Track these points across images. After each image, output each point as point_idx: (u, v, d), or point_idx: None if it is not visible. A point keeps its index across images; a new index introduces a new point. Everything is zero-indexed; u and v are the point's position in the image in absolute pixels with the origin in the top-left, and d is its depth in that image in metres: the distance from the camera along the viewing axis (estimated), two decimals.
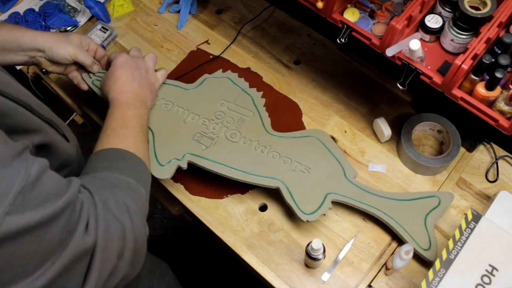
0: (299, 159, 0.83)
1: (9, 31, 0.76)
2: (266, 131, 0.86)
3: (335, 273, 0.81)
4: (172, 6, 1.13)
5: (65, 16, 1.12)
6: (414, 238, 0.79)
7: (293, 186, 0.80)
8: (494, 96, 0.64)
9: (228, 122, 0.86)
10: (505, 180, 0.88)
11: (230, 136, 0.85)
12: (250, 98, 0.90)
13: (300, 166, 0.82)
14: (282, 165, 0.82)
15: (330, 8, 0.73)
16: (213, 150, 0.83)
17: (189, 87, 0.91)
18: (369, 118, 0.96)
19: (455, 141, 0.87)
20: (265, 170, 0.82)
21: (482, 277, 0.68)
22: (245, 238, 0.84)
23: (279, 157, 0.83)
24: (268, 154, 0.83)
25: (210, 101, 0.89)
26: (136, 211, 0.57)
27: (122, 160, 0.65)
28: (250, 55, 1.06)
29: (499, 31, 0.66)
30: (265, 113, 0.88)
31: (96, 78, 0.86)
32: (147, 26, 1.12)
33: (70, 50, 0.80)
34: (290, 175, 0.81)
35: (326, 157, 0.84)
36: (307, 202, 0.79)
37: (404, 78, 0.70)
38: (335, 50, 1.05)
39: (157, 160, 0.81)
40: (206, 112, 0.88)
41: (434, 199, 0.82)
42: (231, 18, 1.12)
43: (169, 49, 1.08)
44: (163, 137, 0.84)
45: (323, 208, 0.79)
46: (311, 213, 0.78)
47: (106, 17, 1.10)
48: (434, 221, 0.80)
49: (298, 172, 0.82)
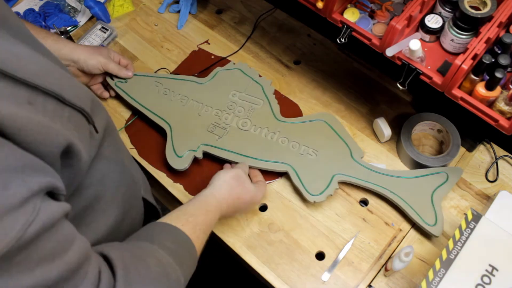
0: (307, 143, 0.87)
1: (53, 41, 0.86)
2: (275, 118, 0.91)
3: (335, 273, 0.81)
4: (172, 6, 1.13)
5: (65, 16, 1.12)
6: (420, 214, 0.80)
7: (301, 169, 0.85)
8: (494, 96, 0.64)
9: (239, 111, 0.91)
10: (505, 180, 0.88)
11: (241, 125, 0.90)
12: (260, 87, 0.94)
13: (308, 149, 0.86)
14: (291, 150, 0.87)
15: (330, 8, 0.73)
16: (226, 140, 0.88)
17: (202, 81, 0.96)
18: (369, 118, 0.96)
19: (454, 140, 0.87)
20: (274, 155, 0.86)
21: (482, 277, 0.68)
22: (245, 238, 0.84)
23: (287, 142, 0.88)
24: (277, 140, 0.88)
25: (222, 93, 0.94)
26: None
27: (185, 250, 0.59)
28: (250, 55, 1.06)
29: (499, 31, 0.66)
30: (274, 101, 0.93)
31: (118, 80, 0.96)
32: (147, 26, 1.12)
33: (101, 60, 0.91)
34: (298, 158, 0.86)
35: (333, 139, 0.88)
36: (314, 184, 0.83)
37: (404, 78, 0.70)
38: (335, 50, 1.05)
39: (175, 152, 0.87)
40: (219, 104, 0.92)
41: (442, 175, 0.83)
42: (231, 18, 1.12)
43: (169, 49, 1.08)
44: (179, 130, 0.90)
45: (330, 188, 0.82)
46: (318, 194, 0.82)
47: (106, 17, 1.10)
48: (441, 197, 0.82)
49: (306, 155, 0.86)
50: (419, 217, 0.80)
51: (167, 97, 0.94)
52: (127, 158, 0.70)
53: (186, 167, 0.86)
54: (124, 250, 0.50)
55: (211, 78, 0.96)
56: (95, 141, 0.55)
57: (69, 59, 0.88)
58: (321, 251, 0.83)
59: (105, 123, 0.59)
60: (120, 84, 0.96)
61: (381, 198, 0.87)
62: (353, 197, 0.87)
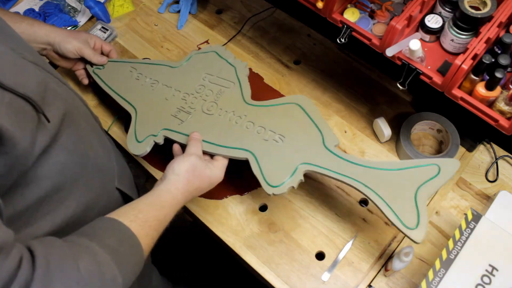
0: (274, 128, 0.77)
1: (28, 25, 0.83)
2: (244, 101, 0.82)
3: (335, 273, 0.81)
4: (172, 6, 1.13)
5: (65, 16, 1.12)
6: (398, 214, 0.66)
7: (262, 157, 0.75)
8: (494, 96, 0.64)
9: (207, 95, 0.84)
10: (505, 180, 0.88)
11: (206, 109, 0.83)
12: (233, 69, 0.87)
13: (274, 135, 0.76)
14: (255, 135, 0.77)
15: (330, 8, 0.73)
16: (188, 124, 0.82)
17: (176, 65, 0.90)
18: (369, 118, 0.96)
19: (454, 140, 0.87)
20: (236, 141, 0.77)
21: (482, 277, 0.68)
22: (245, 238, 0.84)
23: (253, 126, 0.78)
24: (242, 124, 0.79)
25: (194, 76, 0.88)
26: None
27: (128, 248, 0.56)
28: (250, 55, 1.06)
29: (499, 31, 0.66)
30: (246, 83, 0.84)
31: (96, 67, 0.93)
32: (147, 26, 1.12)
33: (76, 44, 0.88)
34: (262, 145, 0.76)
35: (305, 124, 0.77)
36: (275, 173, 0.73)
37: (404, 78, 0.70)
38: (335, 50, 1.05)
39: (136, 136, 0.82)
40: (188, 88, 0.86)
41: (433, 167, 0.68)
42: (231, 18, 1.12)
43: (169, 49, 1.08)
44: (144, 114, 0.85)
45: (293, 180, 0.72)
46: (277, 186, 0.72)
47: (106, 17, 1.10)
48: (429, 194, 0.67)
49: (271, 141, 0.76)
50: (396, 218, 0.66)
51: (138, 82, 0.90)
52: (95, 149, 0.68)
53: (145, 152, 0.81)
54: (53, 247, 0.47)
55: (185, 61, 0.90)
56: (47, 130, 0.54)
57: (44, 42, 0.86)
58: (321, 251, 0.83)
59: (62, 113, 0.58)
60: (97, 71, 0.93)
61: None
62: (353, 197, 0.87)
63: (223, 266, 1.54)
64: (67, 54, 0.89)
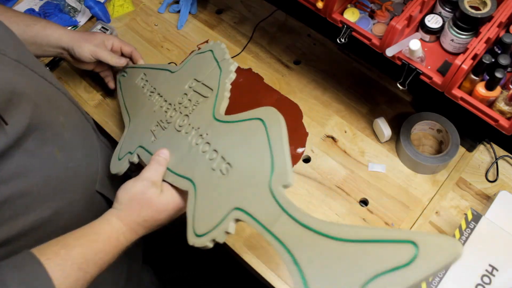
0: (225, 153, 0.59)
1: (41, 27, 0.81)
2: (212, 115, 0.65)
3: None
4: (172, 6, 1.13)
5: (65, 16, 1.12)
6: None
7: (202, 193, 0.59)
8: (494, 96, 0.64)
9: (186, 106, 0.71)
10: (505, 180, 0.88)
11: (178, 124, 0.69)
12: (219, 73, 0.70)
13: (221, 163, 0.59)
14: (206, 162, 0.61)
15: (330, 8, 0.73)
16: (158, 143, 0.70)
17: (174, 70, 0.79)
18: (369, 118, 0.96)
19: (454, 140, 0.87)
20: (187, 168, 0.63)
21: (482, 277, 0.68)
22: (245, 238, 0.84)
23: (208, 149, 0.62)
24: (199, 146, 0.63)
25: (182, 83, 0.75)
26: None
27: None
28: (250, 55, 1.06)
29: (499, 31, 0.66)
30: (224, 93, 0.67)
31: (121, 74, 0.89)
32: (147, 26, 1.12)
33: (91, 48, 0.84)
34: (207, 176, 0.59)
35: (260, 150, 0.55)
36: (204, 218, 0.57)
37: (404, 78, 0.70)
38: (335, 50, 1.05)
39: (118, 153, 0.74)
40: (172, 97, 0.74)
41: (407, 247, 0.39)
42: (231, 18, 1.12)
43: (169, 49, 1.08)
44: (133, 129, 0.77)
45: (217, 230, 0.54)
46: (200, 235, 0.56)
47: (106, 17, 1.10)
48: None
49: (217, 172, 0.59)
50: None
51: (142, 90, 0.82)
52: (72, 153, 0.65)
53: (119, 171, 0.71)
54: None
55: (184, 65, 0.77)
56: (4, 133, 0.51)
57: (58, 46, 0.83)
58: None
59: (29, 117, 0.56)
60: (122, 79, 0.87)
61: (381, 198, 0.87)
62: (353, 197, 0.87)
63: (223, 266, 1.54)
64: (83, 59, 0.85)
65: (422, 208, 0.86)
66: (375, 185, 0.88)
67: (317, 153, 0.91)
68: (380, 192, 0.88)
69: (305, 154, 0.92)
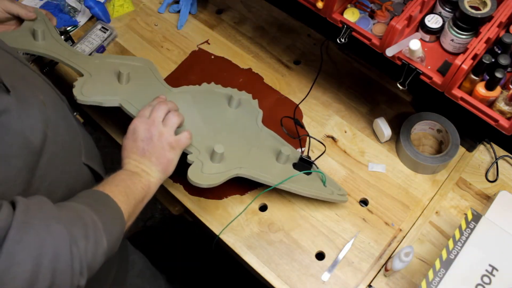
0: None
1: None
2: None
3: (335, 273, 0.81)
4: (172, 6, 1.13)
5: (65, 16, 1.11)
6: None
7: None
8: (494, 96, 0.64)
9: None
10: (505, 180, 0.88)
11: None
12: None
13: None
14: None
15: (330, 8, 0.73)
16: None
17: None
18: (369, 118, 0.96)
19: (454, 140, 0.87)
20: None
21: (482, 277, 0.68)
22: (245, 238, 0.84)
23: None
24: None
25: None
26: (80, 244, 0.50)
27: (101, 202, 0.60)
28: (250, 55, 1.06)
29: (499, 31, 0.66)
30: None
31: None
32: (147, 26, 1.12)
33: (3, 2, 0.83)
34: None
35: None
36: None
37: (404, 78, 0.70)
38: (335, 50, 1.05)
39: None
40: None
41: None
42: (231, 18, 1.12)
43: (169, 49, 1.08)
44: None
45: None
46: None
47: (106, 17, 1.10)
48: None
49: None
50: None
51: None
52: (55, 126, 0.67)
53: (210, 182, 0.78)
54: (32, 198, 0.50)
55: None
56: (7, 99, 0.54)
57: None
58: (321, 251, 0.83)
59: (10, 85, 0.57)
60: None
61: (381, 198, 0.87)
62: (353, 197, 0.87)
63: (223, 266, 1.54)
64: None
65: (422, 208, 0.86)
66: (375, 185, 0.88)
67: (317, 153, 0.91)
68: (380, 192, 0.88)
69: (305, 154, 0.92)
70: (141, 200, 0.67)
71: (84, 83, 0.82)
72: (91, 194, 0.61)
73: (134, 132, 0.72)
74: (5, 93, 0.53)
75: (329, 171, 0.90)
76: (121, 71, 0.83)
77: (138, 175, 0.69)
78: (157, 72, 0.90)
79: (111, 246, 0.55)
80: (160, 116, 0.73)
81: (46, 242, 0.46)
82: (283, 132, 0.86)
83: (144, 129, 0.72)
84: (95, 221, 0.53)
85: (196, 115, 0.84)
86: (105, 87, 0.83)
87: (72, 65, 0.86)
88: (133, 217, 0.65)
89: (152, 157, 0.71)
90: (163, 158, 0.72)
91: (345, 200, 0.84)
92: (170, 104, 0.76)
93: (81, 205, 0.55)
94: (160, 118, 0.73)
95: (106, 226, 0.55)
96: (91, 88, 0.82)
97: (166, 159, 0.72)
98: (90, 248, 0.51)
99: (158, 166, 0.71)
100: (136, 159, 0.71)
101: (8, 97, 0.53)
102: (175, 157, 0.74)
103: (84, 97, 0.80)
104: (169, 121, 0.73)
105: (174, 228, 1.68)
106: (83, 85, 0.82)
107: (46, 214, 0.49)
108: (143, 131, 0.72)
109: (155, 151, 0.71)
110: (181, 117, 0.75)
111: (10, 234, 0.44)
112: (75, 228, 0.50)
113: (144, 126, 0.72)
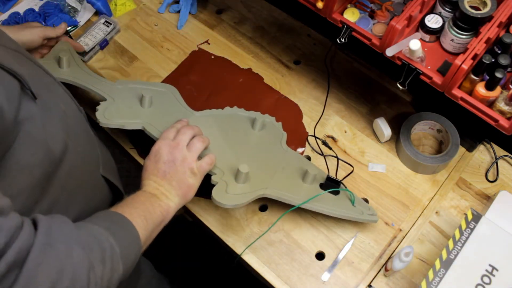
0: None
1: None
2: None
3: (335, 273, 0.81)
4: (172, 6, 1.13)
5: (65, 16, 1.11)
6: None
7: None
8: (494, 96, 0.64)
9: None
10: (505, 180, 0.88)
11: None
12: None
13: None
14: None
15: (330, 8, 0.73)
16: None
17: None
18: (369, 118, 0.96)
19: (454, 140, 0.87)
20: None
21: (482, 277, 0.68)
22: (245, 238, 0.84)
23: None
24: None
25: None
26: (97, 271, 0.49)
27: (119, 225, 0.59)
28: (250, 55, 1.06)
29: (499, 31, 0.66)
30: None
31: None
32: (147, 26, 1.12)
33: (36, 30, 0.88)
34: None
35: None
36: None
37: (404, 78, 0.70)
38: (335, 50, 1.05)
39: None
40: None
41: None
42: (231, 18, 1.12)
43: (169, 49, 1.08)
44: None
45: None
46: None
47: (108, 12, 1.11)
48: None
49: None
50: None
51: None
52: (76, 137, 0.68)
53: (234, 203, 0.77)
54: (53, 217, 0.50)
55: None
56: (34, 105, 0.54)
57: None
58: (321, 251, 0.83)
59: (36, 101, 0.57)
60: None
61: (381, 198, 0.87)
62: None
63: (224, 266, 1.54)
64: (32, 45, 0.88)
65: (422, 208, 0.86)
66: (375, 185, 0.88)
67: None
68: (380, 192, 0.88)
69: (305, 154, 0.92)
70: (159, 224, 0.66)
71: (107, 107, 0.84)
72: (109, 215, 0.60)
73: (157, 154, 0.72)
74: (32, 101, 0.54)
75: (329, 171, 0.90)
76: (144, 95, 0.84)
77: (158, 198, 0.68)
78: (179, 97, 0.90)
79: (126, 271, 0.55)
80: (186, 140, 0.73)
81: (66, 266, 0.46)
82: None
83: (168, 152, 0.71)
84: (113, 246, 0.53)
85: (220, 139, 0.84)
86: (128, 111, 0.85)
87: (96, 91, 0.88)
88: (149, 242, 0.64)
89: (173, 181, 0.70)
90: (183, 183, 0.71)
91: (376, 220, 0.80)
92: (196, 128, 0.76)
93: (99, 228, 0.54)
94: (185, 142, 0.73)
95: (123, 251, 0.54)
96: (114, 112, 0.84)
97: (187, 184, 0.71)
98: (106, 274, 0.50)
99: (178, 191, 0.71)
100: (157, 181, 0.70)
101: (34, 104, 0.54)
102: (196, 182, 0.73)
103: (107, 120, 0.82)
104: (194, 147, 0.73)
105: (174, 228, 1.68)
106: (105, 109, 0.84)
107: (68, 237, 0.48)
108: (167, 154, 0.71)
109: (177, 176, 0.71)
110: (206, 142, 0.75)
111: (31, 255, 0.43)
112: (93, 253, 0.50)
113: (168, 149, 0.72)
